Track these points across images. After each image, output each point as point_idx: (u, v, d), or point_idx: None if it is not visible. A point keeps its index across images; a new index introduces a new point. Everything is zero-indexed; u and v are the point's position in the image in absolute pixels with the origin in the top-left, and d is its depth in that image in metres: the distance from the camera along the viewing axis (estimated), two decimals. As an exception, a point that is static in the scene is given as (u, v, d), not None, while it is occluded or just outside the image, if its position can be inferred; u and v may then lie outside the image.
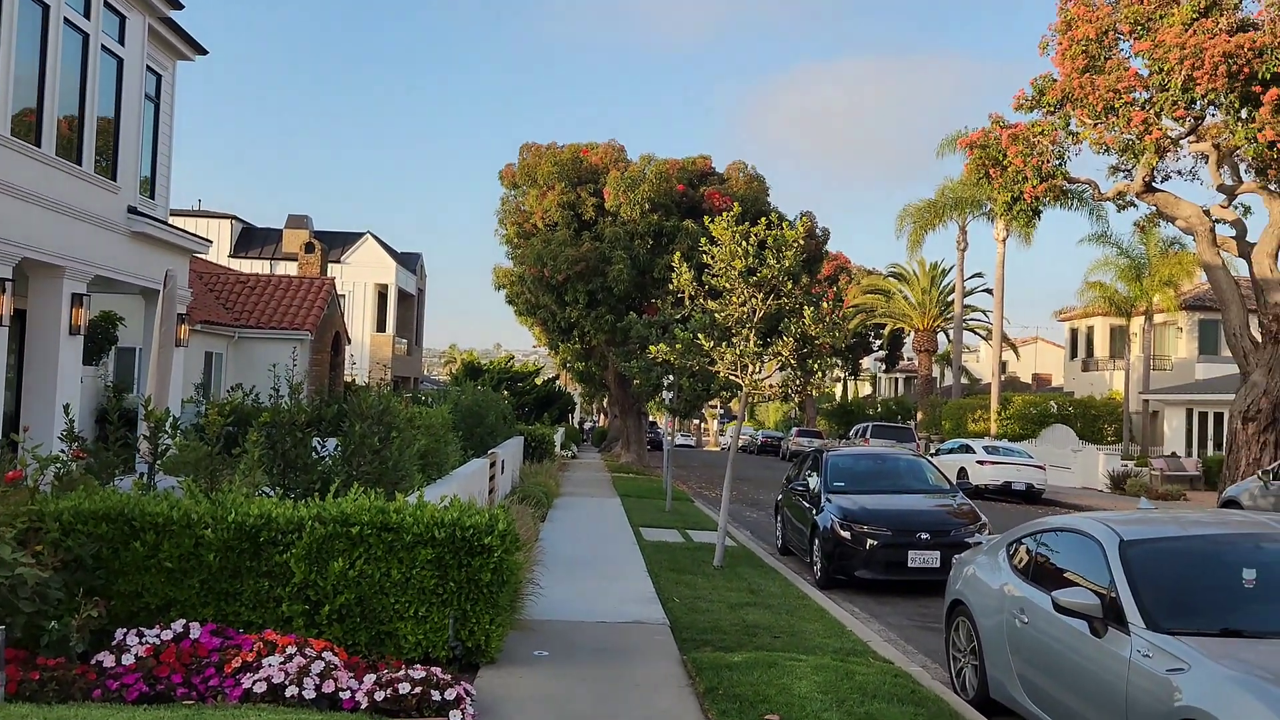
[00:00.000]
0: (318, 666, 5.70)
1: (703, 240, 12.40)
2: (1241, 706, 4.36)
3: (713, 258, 11.92)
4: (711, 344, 11.96)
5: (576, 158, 31.74)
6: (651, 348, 12.71)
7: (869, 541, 11.59)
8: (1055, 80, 22.67)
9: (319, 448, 8.39)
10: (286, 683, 5.57)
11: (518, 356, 66.33)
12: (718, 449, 72.33)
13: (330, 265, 38.12)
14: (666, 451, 21.81)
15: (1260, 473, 17.03)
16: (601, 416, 79.80)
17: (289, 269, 37.88)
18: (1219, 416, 31.56)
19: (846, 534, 11.73)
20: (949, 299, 47.57)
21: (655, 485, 23.73)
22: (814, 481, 13.31)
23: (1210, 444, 32.75)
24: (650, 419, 51.40)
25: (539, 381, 50.07)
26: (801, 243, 12.05)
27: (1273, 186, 21.74)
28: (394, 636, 6.51)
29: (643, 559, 12.19)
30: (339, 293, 29.27)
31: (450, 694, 5.65)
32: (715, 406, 77.83)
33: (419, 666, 5.96)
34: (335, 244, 41.68)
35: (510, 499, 15.10)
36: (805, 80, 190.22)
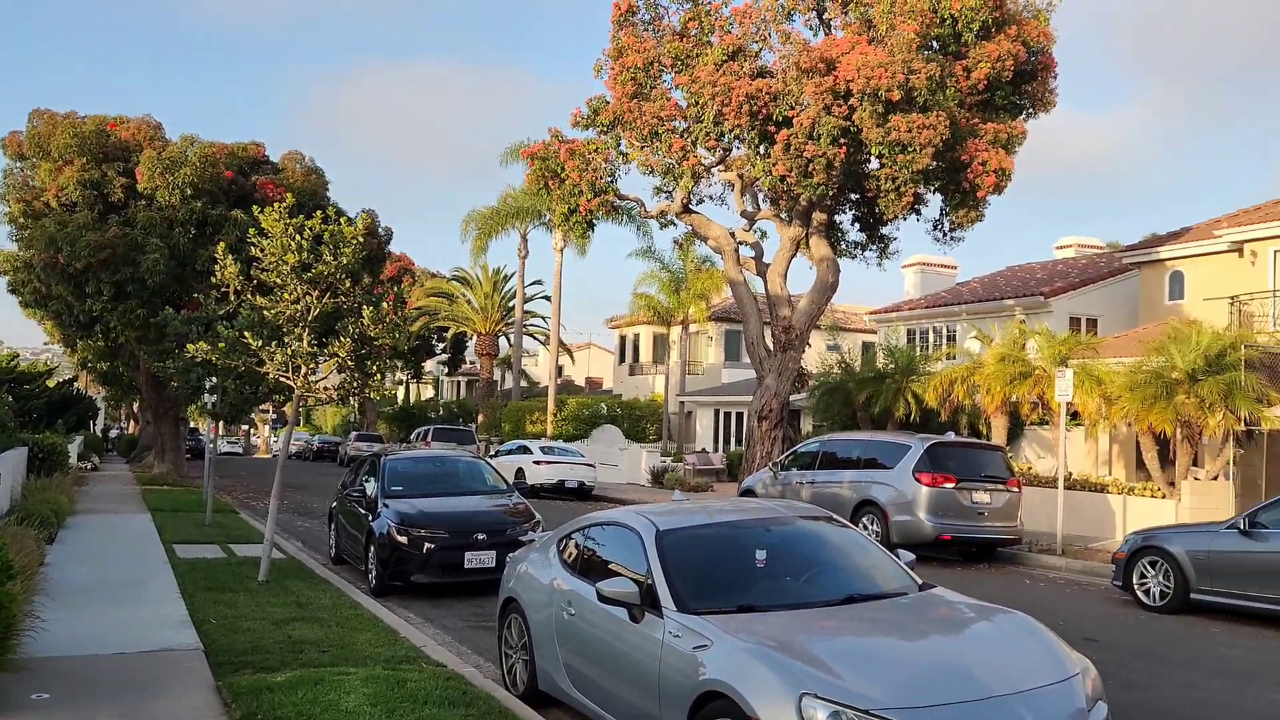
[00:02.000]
0: None
1: (252, 231, 11.60)
2: (753, 673, 4.90)
3: (263, 251, 11.19)
4: (260, 343, 11.20)
5: (102, 131, 28.22)
6: (190, 346, 11.62)
7: (426, 545, 11.56)
8: (608, 102, 24.33)
9: None
10: None
11: (24, 355, 57.50)
12: (269, 455, 68.31)
13: None
14: (208, 460, 20.12)
15: (771, 464, 19.53)
16: (131, 423, 71.80)
17: None
18: (740, 415, 35.78)
19: (403, 539, 11.60)
20: (511, 304, 49.14)
21: (194, 497, 21.77)
22: (371, 487, 13.01)
23: (733, 440, 37.03)
24: (191, 424, 47.19)
25: (51, 384, 43.77)
26: (362, 240, 11.71)
27: (784, 215, 25.12)
28: None
29: (175, 579, 11.10)
30: None
31: (-90, 761, 4.67)
32: (267, 410, 73.41)
33: None
34: None
35: (8, 520, 12.99)
36: (375, 78, 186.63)
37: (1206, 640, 10.24)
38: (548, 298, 47.71)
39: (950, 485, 15.40)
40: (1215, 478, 18.12)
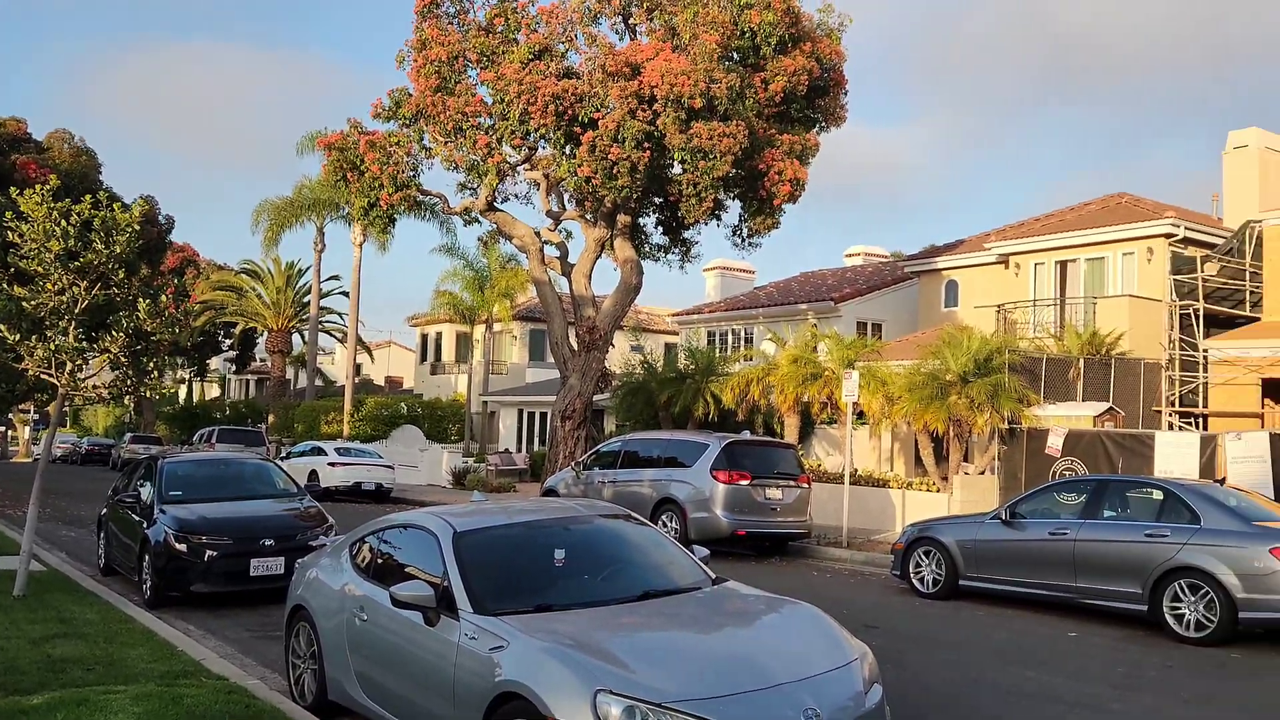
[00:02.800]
0: None
1: (9, 215, 10.63)
2: (549, 672, 4.93)
3: (22, 236, 10.28)
4: (18, 337, 10.29)
5: None
6: (-67, 339, 10.51)
7: (208, 552, 10.97)
8: (411, 95, 23.78)
9: None
10: None
11: None
12: (30, 459, 62.74)
13: None
14: (-44, 465, 18.29)
15: (574, 464, 19.64)
16: None
17: None
18: (544, 415, 35.78)
19: (182, 546, 10.95)
20: (306, 300, 47.22)
21: (-60, 506, 19.73)
22: (146, 491, 12.20)
23: (537, 440, 37.01)
24: (-63, 426, 42.72)
25: None
26: (138, 228, 10.96)
27: (589, 216, 25.32)
28: None
29: (-87, 598, 10.02)
30: None
31: None
32: (27, 410, 67.38)
33: None
34: None
35: None
36: (159, 57, 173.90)
37: (973, 624, 11.08)
38: (346, 293, 46.19)
39: (745, 482, 15.96)
40: (983, 472, 19.63)
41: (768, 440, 19.31)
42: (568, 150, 22.33)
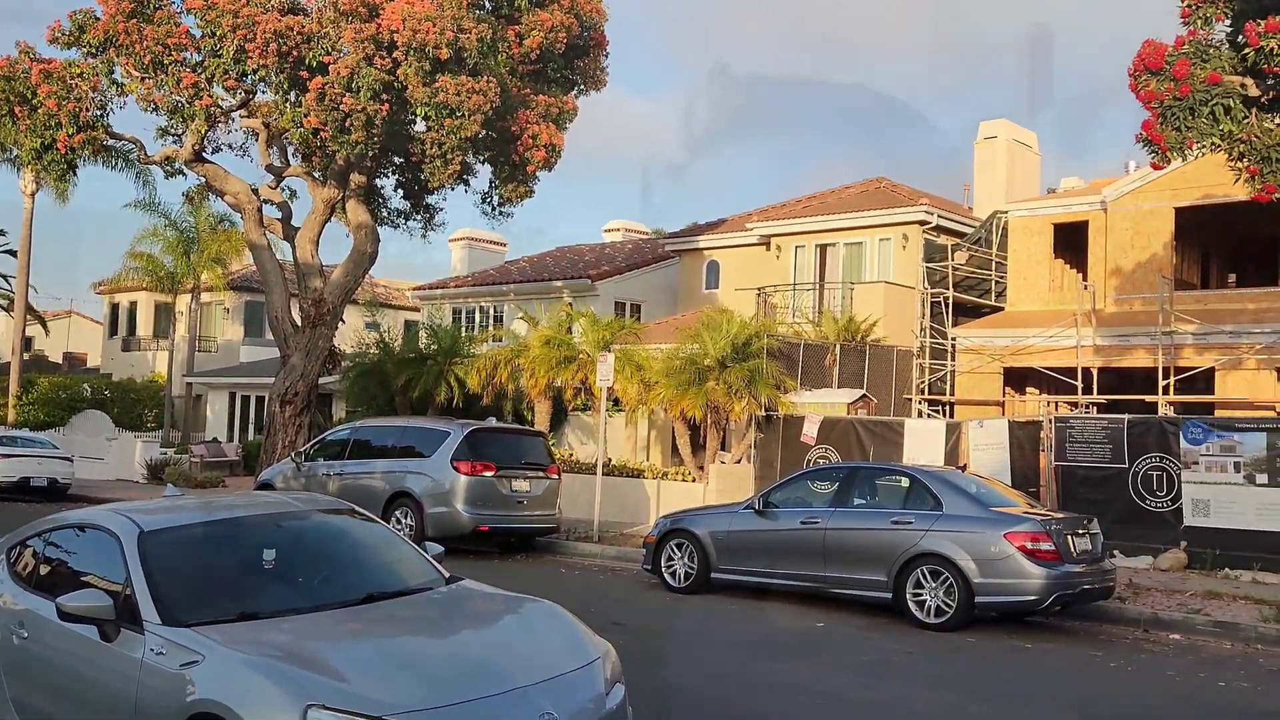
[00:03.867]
0: None
1: None
2: (251, 688, 4.74)
3: None
4: None
5: None
6: None
7: None
8: (99, 19, 21.94)
9: None
10: None
11: None
12: None
13: None
14: None
15: (295, 454, 18.93)
16: None
17: None
18: (261, 400, 34.17)
19: None
20: (-39, 258, 42.69)
21: None
22: None
23: (253, 428, 35.35)
24: None
25: None
26: None
27: (317, 174, 24.36)
28: None
29: None
30: None
31: None
32: None
33: None
34: None
35: None
36: None
37: (723, 617, 11.64)
38: (13, 253, 42.02)
39: (490, 474, 15.97)
40: (739, 461, 20.61)
41: (515, 428, 19.40)
42: (293, 97, 21.38)
